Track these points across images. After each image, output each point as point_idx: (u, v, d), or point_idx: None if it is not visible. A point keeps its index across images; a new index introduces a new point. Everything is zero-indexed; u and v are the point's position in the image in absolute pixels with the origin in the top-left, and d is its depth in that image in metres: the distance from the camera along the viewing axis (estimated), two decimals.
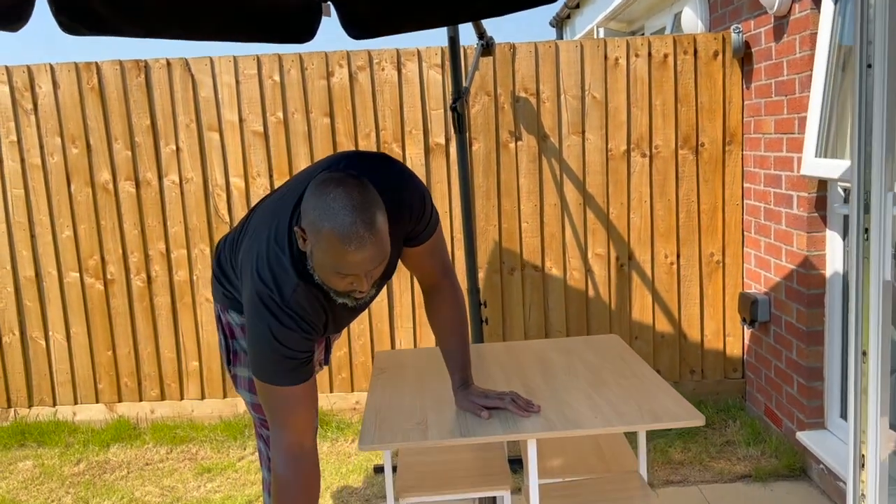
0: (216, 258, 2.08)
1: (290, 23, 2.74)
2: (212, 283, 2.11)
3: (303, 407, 1.67)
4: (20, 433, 3.84)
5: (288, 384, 1.65)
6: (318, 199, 1.51)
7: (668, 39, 3.66)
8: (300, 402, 1.66)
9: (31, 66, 3.64)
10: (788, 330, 3.29)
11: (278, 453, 1.66)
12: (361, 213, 1.49)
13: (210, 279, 3.81)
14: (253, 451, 3.64)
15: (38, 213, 3.75)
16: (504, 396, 1.91)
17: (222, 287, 2.01)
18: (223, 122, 3.68)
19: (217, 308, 2.08)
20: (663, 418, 1.84)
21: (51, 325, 3.85)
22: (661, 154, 3.71)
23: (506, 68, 3.67)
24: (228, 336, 2.02)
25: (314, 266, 1.57)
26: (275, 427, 1.68)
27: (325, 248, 1.50)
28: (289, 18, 2.74)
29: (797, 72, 3.07)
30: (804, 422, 3.18)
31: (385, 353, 2.56)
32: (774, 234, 3.38)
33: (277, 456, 1.67)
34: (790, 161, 3.17)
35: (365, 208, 1.49)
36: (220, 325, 2.07)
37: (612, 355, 2.38)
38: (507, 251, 3.79)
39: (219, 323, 2.09)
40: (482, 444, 2.46)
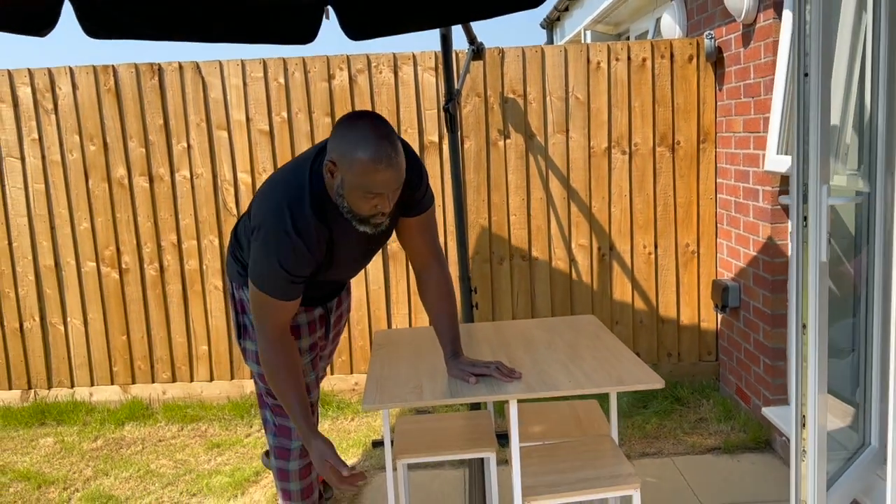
0: (233, 238, 2.34)
1: (293, 26, 3.01)
2: (227, 262, 2.37)
3: (285, 313, 2.00)
4: (40, 412, 4.09)
5: (279, 298, 1.97)
6: (348, 130, 1.83)
7: (646, 44, 3.92)
8: (284, 309, 1.99)
9: (52, 68, 3.88)
10: (756, 314, 3.56)
11: (264, 341, 1.99)
12: (387, 139, 1.81)
13: (220, 267, 4.07)
14: (259, 428, 3.90)
15: (58, 206, 4.00)
16: (490, 365, 2.18)
17: (238, 265, 2.27)
18: (231, 121, 3.94)
19: (231, 286, 2.34)
20: (627, 382, 2.11)
21: (69, 312, 4.10)
22: (639, 151, 3.98)
23: (495, 71, 3.93)
24: (240, 312, 2.28)
25: (345, 194, 1.86)
26: (260, 324, 1.99)
27: (357, 171, 1.80)
28: (292, 22, 3.01)
29: (762, 75, 3.34)
30: (770, 398, 3.46)
31: (383, 332, 2.82)
32: (743, 226, 3.66)
33: (263, 344, 1.99)
34: (756, 158, 3.44)
35: (389, 135, 1.82)
36: (233, 302, 2.32)
37: (589, 333, 2.65)
38: (497, 242, 4.06)
39: (231, 300, 2.34)
40: (471, 414, 2.73)
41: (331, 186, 1.92)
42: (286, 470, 2.36)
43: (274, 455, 2.38)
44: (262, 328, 2.01)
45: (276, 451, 2.37)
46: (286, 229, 1.90)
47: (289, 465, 2.36)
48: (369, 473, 3.39)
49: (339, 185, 1.87)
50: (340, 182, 1.86)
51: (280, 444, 2.35)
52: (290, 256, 1.91)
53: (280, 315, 2.00)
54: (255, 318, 2.02)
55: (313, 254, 1.96)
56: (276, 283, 1.94)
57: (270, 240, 1.91)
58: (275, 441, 2.37)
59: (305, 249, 1.93)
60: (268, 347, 2.01)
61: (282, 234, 1.89)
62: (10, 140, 3.95)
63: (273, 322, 2.00)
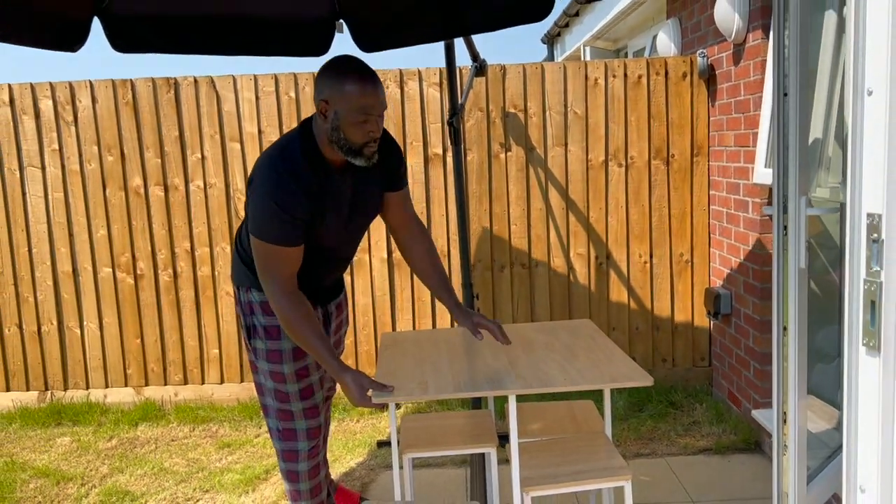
0: (236, 240, 2.49)
1: (307, 38, 3.20)
2: (232, 266, 2.51)
3: (290, 263, 2.15)
4: (56, 413, 4.24)
5: (282, 244, 2.12)
6: (333, 69, 2.09)
7: (641, 62, 4.09)
8: (288, 258, 2.14)
9: (73, 82, 4.06)
10: (746, 321, 3.71)
11: (277, 295, 2.13)
12: (366, 67, 2.11)
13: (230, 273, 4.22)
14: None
15: (76, 214, 4.17)
16: (494, 322, 2.41)
17: (245, 266, 2.41)
18: (244, 133, 4.11)
19: (238, 291, 2.47)
20: (619, 379, 2.26)
21: (85, 316, 4.25)
22: (635, 164, 4.14)
23: (497, 87, 4.10)
24: (248, 314, 2.41)
25: (340, 125, 2.09)
26: (268, 279, 2.14)
27: (349, 96, 2.06)
28: (306, 35, 3.20)
29: (752, 92, 3.50)
30: (759, 401, 3.60)
31: (389, 334, 2.97)
32: (735, 236, 3.81)
33: (277, 298, 2.13)
34: (746, 171, 3.60)
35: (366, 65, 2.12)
36: (240, 305, 2.45)
37: (585, 335, 2.80)
38: (498, 250, 4.21)
39: (238, 304, 2.48)
40: (473, 413, 2.88)
41: (324, 130, 2.14)
42: (296, 471, 2.47)
43: (282, 458, 2.48)
44: (272, 283, 2.13)
45: (284, 455, 2.47)
46: (278, 171, 2.10)
47: (298, 467, 2.47)
48: (374, 472, 3.53)
49: (335, 119, 2.09)
50: (335, 116, 2.09)
51: (287, 448, 2.46)
52: (285, 196, 2.09)
53: (285, 265, 2.14)
54: (263, 274, 2.14)
55: (305, 194, 2.13)
56: (276, 225, 2.10)
57: (266, 186, 2.09)
58: (282, 445, 2.46)
59: (296, 187, 2.10)
60: (282, 301, 2.13)
61: (274, 176, 2.09)
62: (32, 150, 4.12)
63: (280, 274, 2.13)
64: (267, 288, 2.16)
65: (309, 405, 2.45)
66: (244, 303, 2.42)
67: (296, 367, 2.41)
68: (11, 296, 4.24)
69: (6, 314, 4.26)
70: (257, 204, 2.11)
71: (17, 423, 4.19)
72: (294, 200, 2.11)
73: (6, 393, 4.33)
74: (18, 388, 4.32)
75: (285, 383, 2.41)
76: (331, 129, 2.12)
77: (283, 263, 2.15)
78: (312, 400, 2.47)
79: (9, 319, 4.26)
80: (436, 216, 4.18)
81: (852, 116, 1.35)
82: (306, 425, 2.45)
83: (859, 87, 1.36)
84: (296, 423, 2.45)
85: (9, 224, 4.18)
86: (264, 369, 2.42)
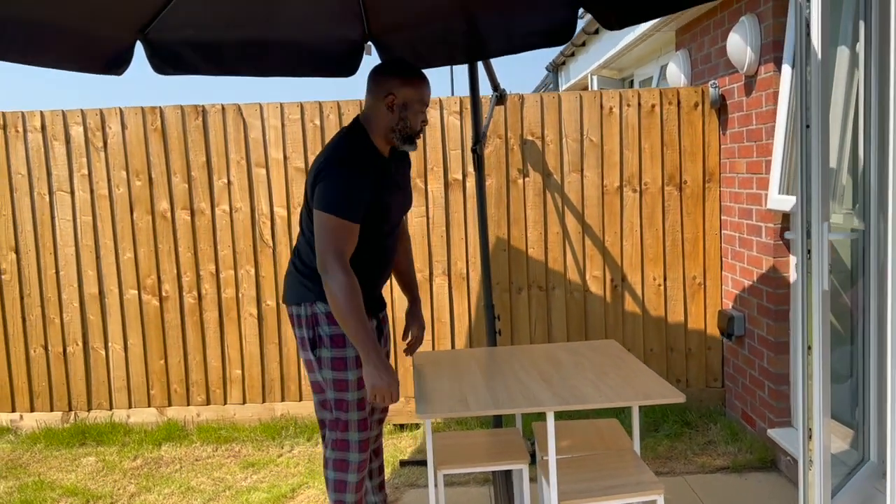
0: (294, 261, 2.64)
1: (338, 60, 3.36)
2: (289, 290, 2.62)
3: (351, 240, 2.40)
4: (80, 433, 4.30)
5: (349, 219, 2.37)
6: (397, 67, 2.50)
7: (655, 92, 4.24)
8: (352, 234, 2.39)
9: (104, 109, 4.18)
10: (760, 342, 3.82)
11: (336, 268, 2.35)
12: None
13: (255, 295, 4.31)
14: (290, 449, 4.11)
15: (104, 237, 4.26)
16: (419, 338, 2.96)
17: (307, 280, 2.55)
18: (269, 159, 4.23)
19: (296, 309, 2.58)
20: (652, 396, 2.36)
21: (110, 337, 4.33)
22: (649, 190, 4.27)
23: (515, 115, 4.24)
24: (312, 326, 2.54)
25: (407, 115, 2.49)
26: (330, 254, 2.35)
27: (415, 86, 2.48)
28: (338, 56, 3.35)
29: (764, 122, 3.64)
30: (774, 421, 3.70)
31: (422, 354, 3.07)
32: (747, 260, 3.93)
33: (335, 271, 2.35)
34: (759, 197, 3.73)
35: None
36: (302, 322, 2.56)
37: (612, 354, 2.90)
38: (516, 273, 4.32)
39: (298, 324, 2.58)
40: (502, 430, 2.97)
41: (388, 120, 2.49)
42: (344, 481, 2.58)
43: (333, 468, 2.59)
44: (334, 258, 2.35)
45: (334, 464, 2.58)
46: (347, 155, 2.43)
47: (347, 477, 2.57)
48: (399, 491, 3.60)
49: (401, 109, 2.48)
50: (402, 105, 2.48)
51: (339, 457, 2.57)
52: (354, 174, 2.39)
53: (347, 241, 2.38)
54: (326, 251, 2.35)
55: (371, 173, 2.44)
56: (346, 202, 2.35)
57: (338, 167, 2.39)
58: (334, 455, 2.58)
59: (363, 167, 2.42)
60: (339, 274, 2.34)
61: (345, 158, 2.42)
62: (62, 175, 4.22)
63: (342, 248, 2.36)
64: (328, 263, 2.36)
65: (362, 416, 2.58)
66: (307, 317, 2.55)
67: (358, 375, 2.55)
68: (38, 317, 4.32)
69: (32, 335, 4.33)
70: (330, 183, 2.37)
71: (42, 444, 4.24)
72: (363, 179, 2.40)
73: (30, 413, 4.39)
74: (42, 409, 4.38)
75: (347, 391, 2.54)
76: (397, 118, 2.49)
77: (346, 239, 2.38)
78: (366, 412, 2.60)
79: (34, 341, 4.34)
80: (455, 239, 4.29)
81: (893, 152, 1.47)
82: (358, 437, 2.57)
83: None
84: (349, 434, 2.57)
85: (37, 247, 4.27)
86: (328, 378, 2.54)
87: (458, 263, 4.31)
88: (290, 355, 4.37)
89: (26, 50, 2.50)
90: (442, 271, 4.32)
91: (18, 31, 2.42)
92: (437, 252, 4.31)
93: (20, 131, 4.20)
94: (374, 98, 2.50)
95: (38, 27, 2.49)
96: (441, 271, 4.32)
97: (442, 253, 4.31)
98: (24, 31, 2.44)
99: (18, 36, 2.43)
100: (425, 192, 4.26)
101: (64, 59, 2.69)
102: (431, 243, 4.30)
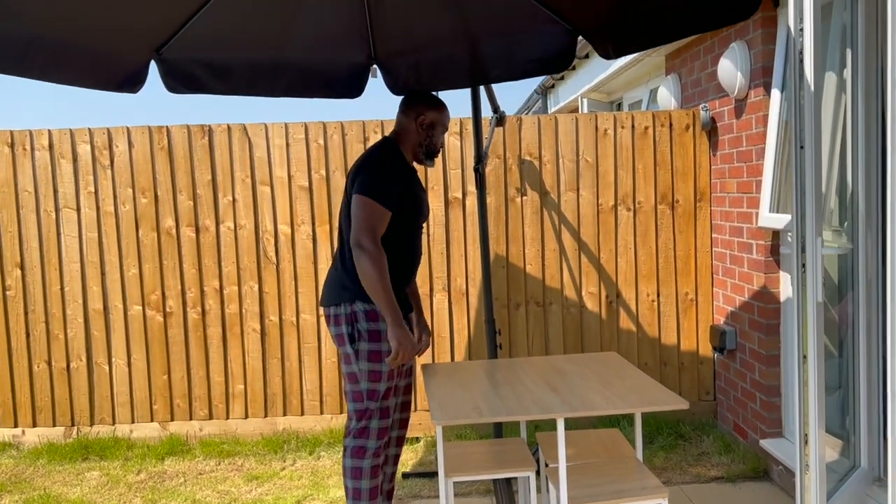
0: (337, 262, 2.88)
1: (345, 82, 3.50)
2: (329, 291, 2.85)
3: (384, 223, 2.73)
4: (83, 448, 4.33)
5: (385, 206, 2.71)
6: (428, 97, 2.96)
7: (648, 115, 4.40)
8: (384, 218, 2.72)
9: (111, 128, 4.26)
10: (752, 355, 3.95)
11: (370, 244, 2.66)
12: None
13: (258, 311, 4.38)
14: (292, 463, 4.17)
15: (109, 253, 4.32)
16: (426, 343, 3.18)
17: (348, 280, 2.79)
18: (274, 177, 4.32)
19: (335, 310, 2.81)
20: (657, 403, 2.47)
21: (114, 352, 4.38)
22: (643, 209, 4.42)
23: (514, 136, 4.37)
24: (351, 322, 2.77)
25: (434, 134, 2.93)
26: (366, 234, 2.67)
27: (440, 112, 2.93)
28: (344, 79, 3.48)
29: (754, 144, 3.80)
30: (766, 432, 3.82)
31: (429, 365, 3.16)
32: (738, 276, 4.07)
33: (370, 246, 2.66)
34: (750, 216, 3.88)
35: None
36: (341, 320, 2.79)
37: (613, 365, 3.01)
38: (514, 288, 4.44)
39: (336, 323, 2.81)
40: (507, 440, 3.06)
41: (418, 137, 2.91)
42: (360, 468, 2.79)
43: (351, 455, 2.80)
44: (369, 237, 2.66)
45: (353, 451, 2.80)
46: (386, 156, 2.83)
47: (363, 463, 2.79)
48: (403, 502, 3.67)
49: (430, 127, 2.91)
50: (431, 124, 2.91)
51: (359, 445, 2.80)
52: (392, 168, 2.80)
53: (381, 223, 2.70)
54: (363, 230, 2.66)
55: (405, 171, 2.83)
56: (381, 187, 2.70)
57: (379, 162, 2.78)
58: (354, 442, 2.80)
59: (399, 164, 2.83)
60: (372, 248, 2.66)
61: (385, 158, 2.82)
62: (68, 192, 4.29)
63: (376, 228, 2.68)
64: (363, 238, 2.66)
65: (385, 405, 2.82)
66: (346, 314, 2.79)
67: (390, 367, 2.79)
68: (42, 333, 4.36)
69: (36, 351, 4.37)
70: (368, 175, 2.73)
71: (45, 458, 4.27)
72: (397, 174, 2.79)
73: (33, 429, 4.41)
74: (45, 424, 4.41)
75: (380, 381, 2.79)
76: (425, 136, 2.92)
77: (380, 220, 2.71)
78: (388, 402, 2.83)
79: (38, 356, 4.37)
80: (455, 256, 4.40)
81: (891, 172, 1.60)
82: (378, 424, 2.80)
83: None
84: (371, 422, 2.80)
85: (43, 263, 4.32)
86: (363, 369, 2.77)
87: (457, 279, 4.42)
88: (292, 370, 4.44)
89: (46, 67, 2.58)
90: (442, 287, 4.42)
91: (39, 49, 2.51)
92: (437, 268, 4.42)
93: (28, 149, 4.27)
94: (407, 117, 2.92)
95: (58, 46, 2.59)
96: (441, 287, 4.42)
97: (442, 269, 4.41)
98: (44, 50, 2.53)
99: (39, 54, 2.52)
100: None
101: (82, 76, 2.78)
102: (432, 260, 4.41)
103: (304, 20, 3.07)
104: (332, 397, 4.46)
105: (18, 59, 2.47)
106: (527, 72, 3.34)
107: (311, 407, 4.46)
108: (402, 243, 2.86)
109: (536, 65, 3.28)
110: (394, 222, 2.80)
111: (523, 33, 3.21)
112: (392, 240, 2.81)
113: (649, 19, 2.74)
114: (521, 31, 3.21)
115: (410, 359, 2.77)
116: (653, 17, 2.72)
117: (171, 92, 3.24)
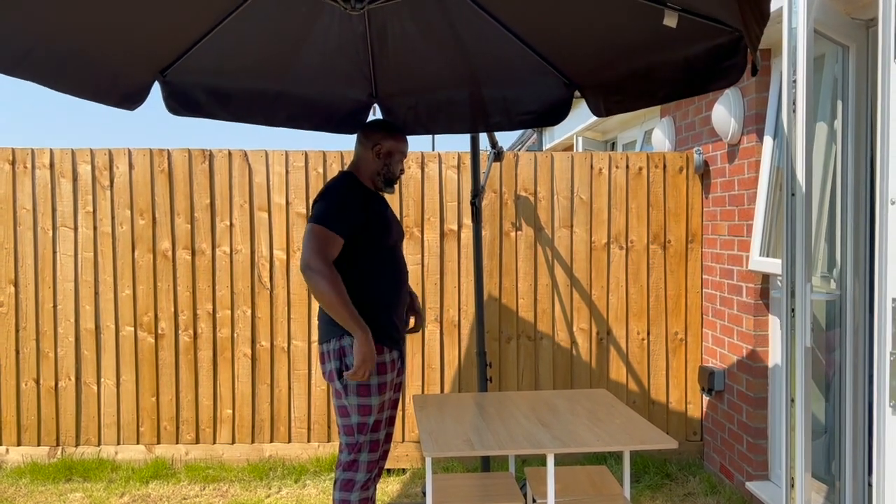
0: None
1: (345, 117, 3.55)
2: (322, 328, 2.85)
3: (335, 248, 2.72)
4: (67, 469, 4.29)
5: (335, 231, 2.71)
6: (383, 124, 2.97)
7: (642, 156, 4.48)
8: (336, 244, 2.72)
9: (112, 149, 4.30)
10: (739, 397, 3.98)
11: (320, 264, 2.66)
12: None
13: (250, 336, 4.39)
14: (277, 490, 4.15)
15: (104, 273, 4.33)
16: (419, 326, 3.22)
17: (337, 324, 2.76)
18: (272, 204, 4.36)
19: (327, 345, 2.81)
20: (647, 442, 2.49)
21: (103, 373, 4.37)
22: (635, 248, 4.48)
23: (510, 171, 4.44)
24: (339, 357, 2.77)
25: (390, 162, 2.93)
26: (317, 258, 2.67)
27: (396, 140, 2.93)
28: (345, 114, 3.54)
29: (745, 188, 3.88)
30: (752, 474, 3.84)
31: (420, 397, 3.18)
32: (728, 318, 4.12)
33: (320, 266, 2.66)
34: (740, 258, 3.95)
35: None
36: (330, 356, 2.80)
37: (604, 403, 3.04)
38: (506, 322, 4.47)
39: (327, 359, 2.82)
40: (495, 474, 3.07)
41: (375, 165, 2.92)
42: (349, 501, 2.79)
43: (339, 488, 2.81)
44: (320, 260, 2.67)
45: (342, 484, 2.80)
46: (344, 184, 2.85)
47: (351, 496, 2.79)
48: None
49: (387, 156, 2.92)
50: (387, 153, 2.92)
51: (347, 478, 2.80)
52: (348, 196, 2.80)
53: (328, 246, 2.70)
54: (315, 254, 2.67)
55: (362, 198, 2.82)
56: (331, 214, 2.71)
57: (336, 191, 2.80)
58: (343, 475, 2.81)
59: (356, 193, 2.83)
60: (324, 271, 2.67)
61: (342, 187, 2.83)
62: (66, 211, 4.31)
63: (327, 253, 2.69)
64: (311, 260, 2.67)
65: (374, 438, 2.82)
66: (335, 350, 2.80)
67: (380, 400, 2.80)
68: (32, 351, 4.34)
69: (24, 369, 4.35)
70: (322, 204, 2.76)
71: (27, 478, 4.23)
72: (354, 200, 2.80)
73: (17, 447, 4.37)
74: (30, 443, 4.37)
75: (370, 415, 2.78)
76: (381, 164, 2.93)
77: (329, 245, 2.71)
78: (378, 434, 2.84)
79: (26, 374, 4.35)
80: (448, 287, 4.44)
81: (879, 222, 1.66)
82: (367, 458, 2.81)
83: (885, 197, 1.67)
84: (361, 455, 2.80)
85: (37, 281, 4.32)
86: (353, 404, 2.77)
87: (450, 311, 4.45)
88: (281, 396, 4.43)
89: (47, 72, 2.60)
90: (434, 318, 4.45)
91: (44, 54, 2.53)
92: (430, 299, 4.45)
93: (28, 167, 4.29)
94: (364, 147, 2.94)
95: (63, 53, 2.61)
96: (433, 318, 4.45)
97: (435, 300, 4.45)
98: (48, 55, 2.55)
99: (43, 59, 2.54)
100: (421, 241, 4.42)
101: (82, 87, 2.80)
102: (425, 290, 4.44)
103: (309, 54, 3.14)
104: (320, 425, 4.45)
105: (19, 60, 2.47)
106: (523, 123, 3.45)
107: (298, 434, 4.45)
108: (379, 265, 2.86)
109: (533, 117, 3.41)
110: (363, 244, 2.81)
111: (522, 84, 3.31)
112: (368, 263, 2.82)
113: (643, 82, 2.83)
114: (520, 82, 3.30)
115: (367, 377, 2.73)
116: (646, 81, 2.81)
117: (171, 113, 3.27)
